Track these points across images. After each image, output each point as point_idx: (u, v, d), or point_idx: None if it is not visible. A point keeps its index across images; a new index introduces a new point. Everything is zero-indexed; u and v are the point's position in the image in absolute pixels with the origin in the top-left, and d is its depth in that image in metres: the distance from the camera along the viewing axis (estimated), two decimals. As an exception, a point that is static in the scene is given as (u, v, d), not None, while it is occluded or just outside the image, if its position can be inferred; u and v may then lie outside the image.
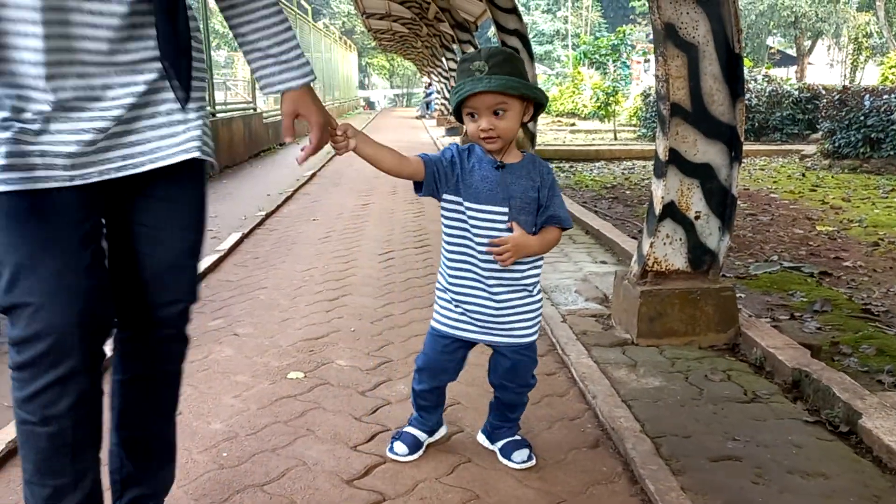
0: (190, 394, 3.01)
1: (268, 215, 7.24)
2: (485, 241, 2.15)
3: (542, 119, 24.38)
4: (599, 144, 15.03)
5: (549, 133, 18.90)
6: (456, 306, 2.25)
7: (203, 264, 5.08)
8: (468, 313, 2.23)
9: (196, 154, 1.66)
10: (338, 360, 3.39)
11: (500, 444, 2.48)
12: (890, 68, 23.55)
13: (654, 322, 3.50)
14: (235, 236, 6.05)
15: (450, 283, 2.25)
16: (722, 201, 3.54)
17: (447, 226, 2.23)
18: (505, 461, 2.43)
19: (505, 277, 2.19)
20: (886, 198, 8.16)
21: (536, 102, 2.11)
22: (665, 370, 3.22)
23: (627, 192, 8.94)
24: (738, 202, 7.87)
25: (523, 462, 2.41)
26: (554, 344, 3.59)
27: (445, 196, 2.19)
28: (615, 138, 16.67)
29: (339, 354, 3.47)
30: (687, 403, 2.89)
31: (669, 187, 3.49)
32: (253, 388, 3.07)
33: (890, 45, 30.44)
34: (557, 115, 26.49)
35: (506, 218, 2.14)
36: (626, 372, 3.21)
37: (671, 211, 3.52)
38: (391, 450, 2.46)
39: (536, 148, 10.67)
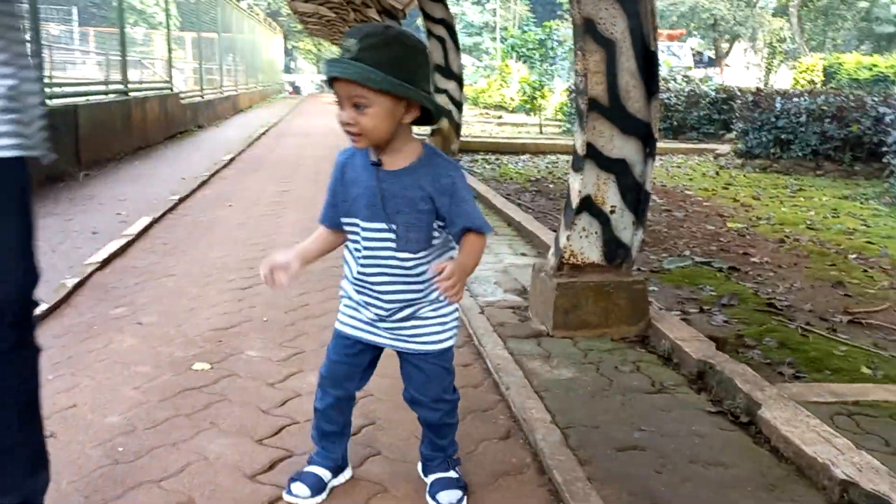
0: (87, 385, 2.86)
1: (181, 199, 6.99)
2: (369, 262, 1.93)
3: (470, 110, 24.48)
4: (525, 138, 15.17)
5: (477, 125, 18.97)
6: (355, 306, 2.06)
7: (108, 249, 4.85)
8: (366, 314, 2.04)
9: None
10: (247, 351, 3.28)
11: (430, 478, 2.19)
12: (801, 72, 24.67)
13: (569, 314, 3.54)
14: (145, 220, 5.81)
15: (347, 280, 2.06)
16: (636, 196, 3.59)
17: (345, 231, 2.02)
18: (430, 500, 2.13)
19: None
20: (793, 197, 8.52)
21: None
22: (578, 361, 3.25)
23: (551, 185, 9.04)
24: (655, 198, 8.06)
25: None
26: (471, 335, 3.58)
27: (342, 220, 1.98)
28: (541, 132, 16.87)
29: (250, 345, 3.36)
30: (597, 394, 2.92)
31: (587, 181, 3.53)
32: (155, 380, 2.94)
33: (802, 50, 31.90)
34: (485, 108, 26.64)
35: (393, 237, 1.88)
36: (540, 363, 3.23)
37: (588, 204, 3.56)
38: (289, 492, 2.11)
39: (462, 139, 10.69)
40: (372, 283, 1.96)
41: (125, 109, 10.33)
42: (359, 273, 1.98)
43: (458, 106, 8.69)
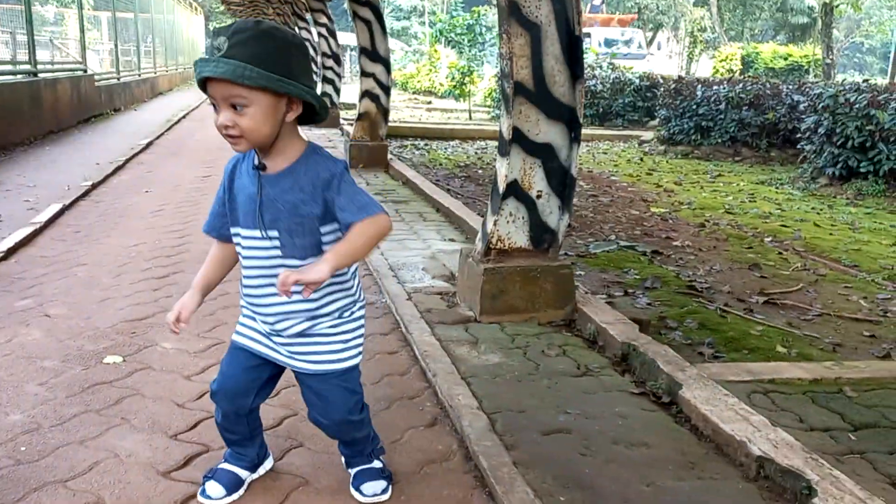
0: (-14, 382, 2.69)
1: (94, 185, 6.67)
2: (253, 273, 1.82)
3: (399, 95, 24.31)
4: (454, 123, 15.16)
5: (406, 110, 18.85)
6: (253, 316, 1.92)
7: (14, 237, 4.58)
8: (261, 326, 1.90)
9: None
10: (162, 343, 3.15)
11: (353, 471, 2.11)
12: (721, 61, 25.45)
13: (497, 299, 3.53)
14: (55, 208, 5.52)
15: (242, 290, 1.91)
16: (562, 181, 3.60)
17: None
18: (354, 492, 2.06)
19: (276, 304, 1.83)
20: (713, 182, 8.77)
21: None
22: (505, 346, 3.24)
23: (480, 171, 9.05)
24: (582, 183, 8.17)
25: (375, 496, 2.05)
26: (398, 322, 3.53)
27: (231, 230, 1.86)
28: (470, 118, 16.88)
29: (165, 336, 3.22)
30: (524, 379, 2.92)
31: (513, 166, 3.51)
32: (62, 375, 2.78)
33: (721, 40, 32.90)
34: (414, 93, 26.48)
35: (277, 244, 1.76)
36: (468, 349, 3.21)
37: (514, 189, 3.54)
38: (203, 493, 1.99)
39: (391, 125, 10.57)
40: (257, 296, 1.84)
41: (34, 91, 9.78)
42: (244, 285, 1.86)
43: (386, 90, 8.57)
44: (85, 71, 13.22)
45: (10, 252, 4.36)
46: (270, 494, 2.07)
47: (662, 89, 12.27)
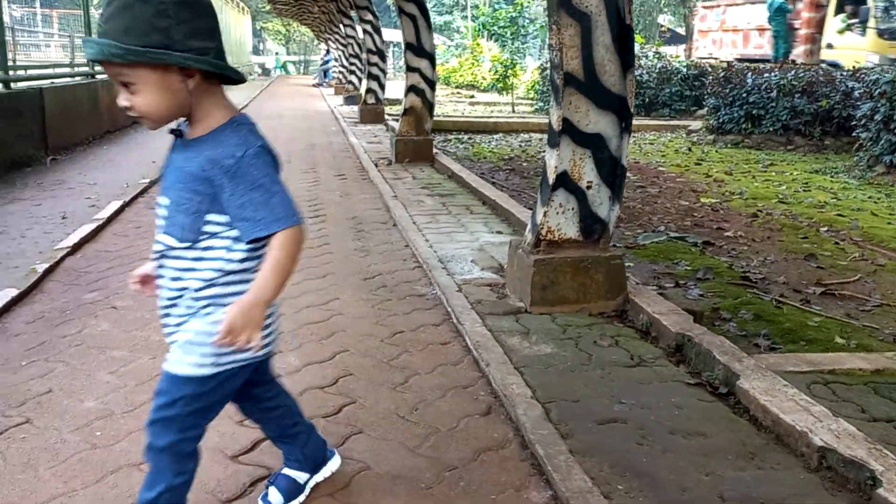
0: (61, 370, 2.81)
1: (152, 183, 6.86)
2: (158, 249, 1.66)
3: (442, 90, 24.36)
4: (498, 117, 15.13)
5: (449, 105, 18.88)
6: None
7: (80, 233, 4.76)
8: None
9: None
10: (225, 333, 3.24)
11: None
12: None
13: (547, 290, 3.54)
14: (115, 205, 5.70)
15: None
16: (612, 171, 3.59)
17: None
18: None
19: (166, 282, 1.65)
20: (765, 171, 8.60)
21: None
22: (556, 337, 3.26)
23: (524, 163, 9.04)
24: (629, 174, 8.09)
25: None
26: (449, 313, 3.58)
27: None
28: (513, 111, 16.84)
29: (227, 327, 3.32)
30: (576, 369, 2.94)
31: (563, 157, 3.52)
32: (131, 364, 2.90)
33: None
34: (457, 87, 26.50)
35: (164, 214, 1.62)
36: (520, 339, 3.23)
37: (564, 180, 3.55)
38: (264, 498, 1.97)
39: (434, 119, 10.63)
40: (157, 268, 1.69)
41: (92, 92, 10.10)
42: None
43: (432, 85, 8.61)
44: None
45: (76, 248, 4.53)
46: (334, 478, 2.13)
47: (711, 77, 12.06)
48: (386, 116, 13.47)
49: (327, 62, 29.97)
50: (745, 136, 10.97)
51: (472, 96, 22.55)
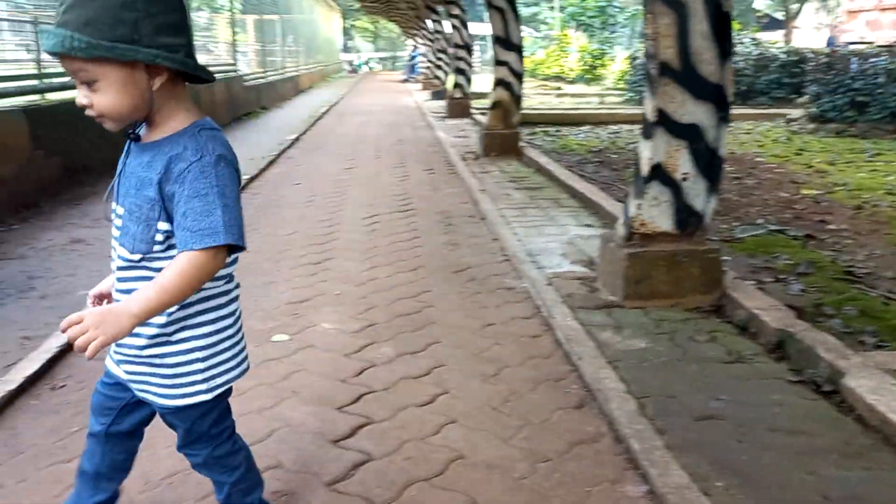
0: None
1: (251, 179, 7.15)
2: (113, 256, 1.55)
3: (528, 82, 24.18)
4: (585, 108, 14.93)
5: (535, 97, 18.76)
6: None
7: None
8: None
9: None
10: (322, 323, 3.36)
11: None
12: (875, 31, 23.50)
13: (640, 284, 3.50)
14: (218, 200, 5.96)
15: None
16: (709, 162, 3.51)
17: None
18: None
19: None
20: (871, 161, 8.17)
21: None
22: (650, 332, 3.22)
23: (613, 155, 8.90)
24: (724, 165, 7.84)
25: None
26: (539, 306, 3.59)
27: None
28: (601, 102, 16.58)
29: (324, 317, 3.44)
30: (671, 364, 2.89)
31: (657, 148, 3.46)
32: (237, 351, 3.04)
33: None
34: (543, 79, 26.29)
35: (119, 224, 1.50)
36: (612, 333, 3.21)
37: (658, 172, 3.50)
38: None
39: (521, 112, 10.60)
40: (114, 284, 1.57)
41: (194, 93, 10.40)
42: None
43: (519, 78, 8.60)
44: (236, 72, 14.12)
45: (182, 241, 4.77)
46: (430, 465, 2.19)
47: (812, 64, 11.53)
48: (472, 110, 13.52)
49: (414, 58, 30.30)
50: (848, 125, 10.44)
51: (559, 88, 22.32)
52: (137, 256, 1.46)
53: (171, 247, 1.44)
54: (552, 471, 2.19)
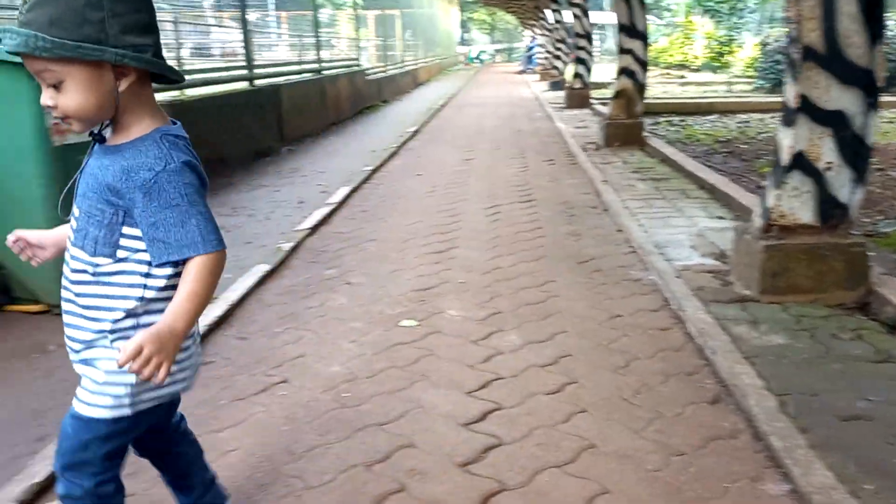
0: (310, 338, 3.13)
1: (374, 170, 7.35)
2: (67, 257, 1.48)
3: (650, 71, 23.50)
4: (712, 97, 14.35)
5: (657, 86, 18.21)
6: None
7: (315, 217, 5.23)
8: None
9: None
10: (448, 310, 3.43)
11: None
12: None
13: (778, 278, 3.35)
14: (344, 190, 6.18)
15: None
16: (856, 151, 3.31)
17: None
18: None
19: (72, 309, 1.46)
20: None
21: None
22: (789, 328, 3.08)
23: (743, 146, 8.52)
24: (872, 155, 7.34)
25: None
26: (667, 299, 3.50)
27: None
28: (729, 90, 15.88)
29: (450, 304, 3.51)
30: (813, 362, 2.76)
31: (799, 136, 3.30)
32: (368, 335, 3.16)
33: None
34: (666, 68, 25.46)
35: (74, 227, 1.45)
36: (747, 328, 3.09)
37: (800, 161, 3.33)
38: None
39: (645, 101, 10.34)
40: (63, 287, 1.50)
41: (320, 87, 10.98)
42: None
43: (643, 66, 8.39)
44: (358, 66, 14.53)
45: (314, 229, 4.99)
46: (561, 452, 2.20)
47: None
48: (591, 100, 13.30)
49: (532, 49, 30.08)
50: None
51: (683, 76, 21.55)
52: (99, 261, 1.40)
53: (133, 253, 1.40)
54: (687, 465, 2.14)
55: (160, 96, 6.32)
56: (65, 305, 1.47)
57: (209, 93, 7.38)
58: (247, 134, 7.88)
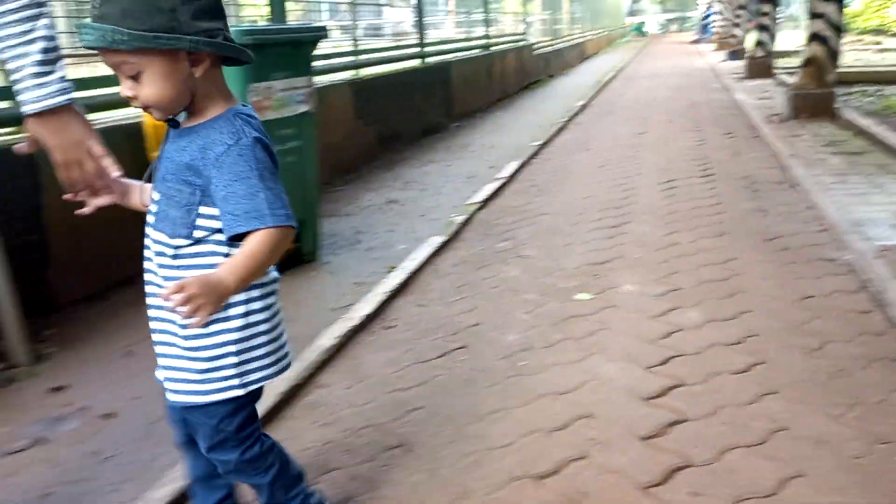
0: (484, 307, 3.20)
1: (542, 145, 7.32)
2: (150, 245, 1.49)
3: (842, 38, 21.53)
4: (915, 63, 12.91)
5: (850, 53, 16.65)
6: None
7: (486, 191, 5.30)
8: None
9: None
10: (624, 285, 3.37)
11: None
12: None
13: None
14: (514, 165, 6.21)
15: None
16: None
17: None
18: None
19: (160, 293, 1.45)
20: None
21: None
22: None
23: (955, 116, 7.63)
24: None
25: None
26: (866, 281, 3.23)
27: None
28: (936, 55, 14.21)
29: (625, 279, 3.44)
30: None
31: None
32: (542, 306, 3.18)
33: None
34: (859, 34, 23.21)
35: (154, 210, 1.48)
36: (963, 315, 2.80)
37: None
38: None
39: (837, 70, 9.50)
40: (147, 282, 1.52)
41: (487, 63, 11.06)
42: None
43: (837, 31, 7.70)
44: (525, 41, 14.47)
45: (484, 203, 5.06)
46: (750, 433, 2.11)
47: None
48: (775, 70, 12.41)
49: (707, 17, 28.52)
50: None
51: (879, 42, 19.56)
52: (179, 241, 1.42)
53: (212, 233, 1.41)
54: (893, 453, 1.98)
55: (338, 76, 6.64)
56: (150, 301, 1.50)
57: (383, 71, 7.65)
58: (417, 111, 8.10)
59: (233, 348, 1.45)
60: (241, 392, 1.48)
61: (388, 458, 2.10)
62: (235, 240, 1.39)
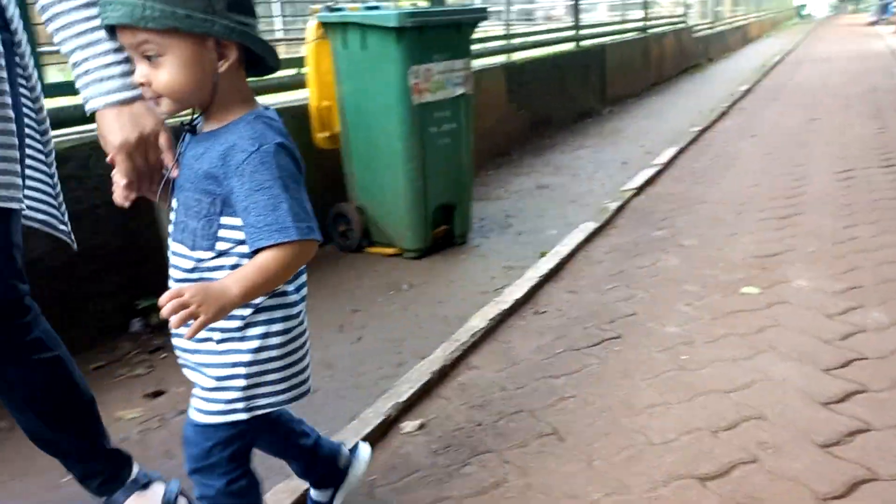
0: (641, 297, 3.08)
1: (702, 131, 6.96)
2: (169, 254, 1.40)
3: None
4: None
5: None
6: None
7: (641, 177, 5.11)
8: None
9: None
10: (796, 280, 3.13)
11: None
12: None
13: None
14: (671, 151, 5.95)
15: None
16: None
17: None
18: None
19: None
20: None
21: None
22: None
23: None
24: None
25: None
26: None
27: None
28: None
29: (797, 274, 3.20)
30: None
31: None
32: (704, 299, 3.01)
33: None
34: None
35: (172, 219, 1.39)
36: None
37: None
38: None
39: None
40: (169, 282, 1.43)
41: (644, 46, 10.65)
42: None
43: None
44: (684, 23, 13.82)
45: (640, 190, 4.88)
46: (835, 429, 1.89)
47: None
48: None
49: (889, -5, 26.08)
50: None
51: None
52: (200, 254, 1.32)
53: (236, 245, 1.30)
54: None
55: (492, 60, 6.62)
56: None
57: (537, 55, 7.55)
58: (570, 95, 7.94)
59: (242, 370, 1.34)
60: (244, 416, 1.37)
61: (540, 445, 2.05)
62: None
